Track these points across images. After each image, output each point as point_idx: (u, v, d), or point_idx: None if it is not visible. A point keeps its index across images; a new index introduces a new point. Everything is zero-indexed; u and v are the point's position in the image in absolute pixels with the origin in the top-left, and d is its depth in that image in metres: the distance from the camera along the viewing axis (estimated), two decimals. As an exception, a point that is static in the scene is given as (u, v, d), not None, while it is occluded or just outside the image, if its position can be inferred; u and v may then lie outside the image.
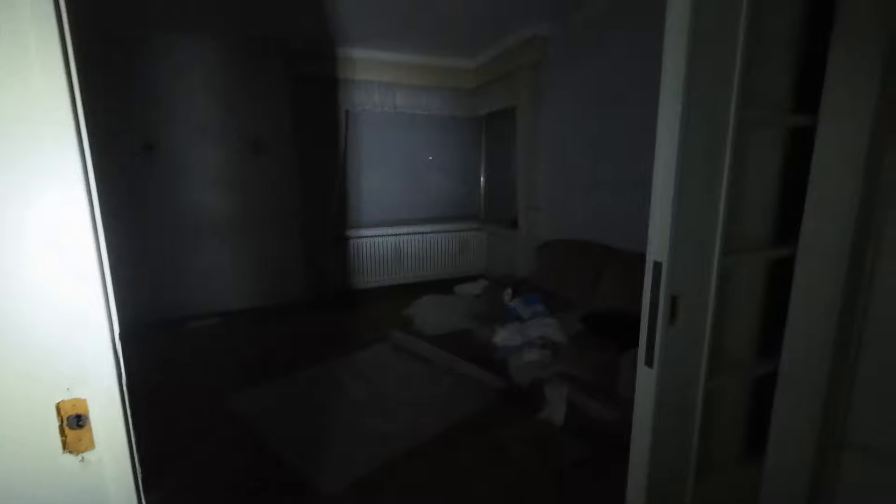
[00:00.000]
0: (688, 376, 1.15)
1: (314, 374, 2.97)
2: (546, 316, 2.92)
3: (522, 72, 3.88)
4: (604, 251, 3.09)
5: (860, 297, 1.17)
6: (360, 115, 4.71)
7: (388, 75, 4.52)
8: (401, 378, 2.85)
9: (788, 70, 1.17)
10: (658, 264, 1.04)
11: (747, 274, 1.23)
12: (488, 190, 5.43)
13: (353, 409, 2.52)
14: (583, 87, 3.45)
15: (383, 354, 3.26)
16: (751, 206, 1.18)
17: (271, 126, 4.25)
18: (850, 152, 1.11)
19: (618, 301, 2.71)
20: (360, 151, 4.81)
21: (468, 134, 5.32)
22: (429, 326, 3.72)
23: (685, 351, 1.12)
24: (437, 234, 5.20)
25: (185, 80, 3.89)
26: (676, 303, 1.07)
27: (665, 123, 0.98)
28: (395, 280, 5.11)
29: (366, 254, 4.90)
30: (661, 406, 1.11)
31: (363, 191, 4.93)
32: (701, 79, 0.95)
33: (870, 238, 1.14)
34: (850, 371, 1.21)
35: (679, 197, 0.99)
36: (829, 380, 1.20)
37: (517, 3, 3.36)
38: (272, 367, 3.09)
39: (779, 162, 1.20)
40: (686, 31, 0.91)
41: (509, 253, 4.78)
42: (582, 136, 3.50)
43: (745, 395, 1.34)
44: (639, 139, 2.97)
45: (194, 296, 4.18)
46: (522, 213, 4.06)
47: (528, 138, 3.94)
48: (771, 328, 1.30)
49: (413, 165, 5.10)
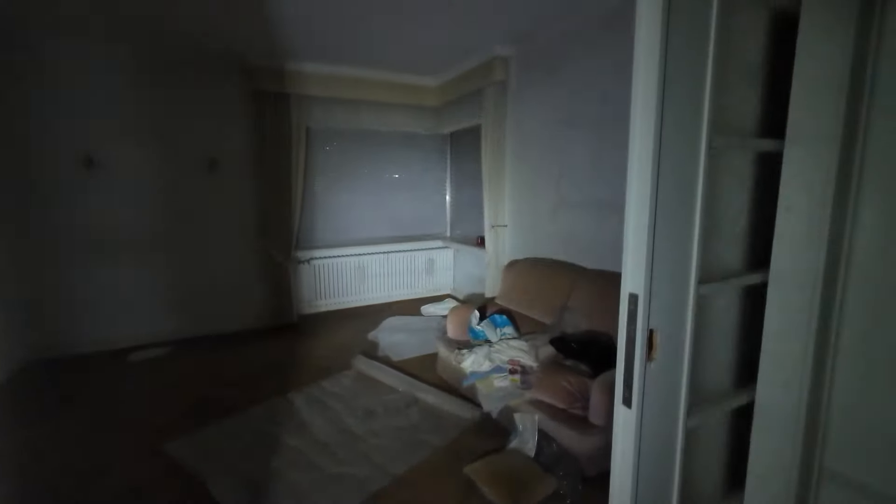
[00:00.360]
0: (668, 413, 1.08)
1: (269, 408, 2.76)
2: (515, 338, 2.85)
3: (487, 91, 3.87)
4: (573, 270, 3.06)
5: (832, 323, 1.15)
6: (321, 132, 4.57)
7: (350, 91, 4.42)
8: (365, 410, 2.68)
9: (757, 95, 1.15)
10: (634, 296, 0.98)
11: (723, 302, 1.19)
12: (454, 208, 5.38)
13: (313, 449, 2.33)
14: (545, 107, 3.47)
15: (346, 384, 3.08)
16: (725, 233, 1.14)
17: (227, 142, 4.05)
18: (816, 176, 1.09)
19: (588, 322, 2.67)
20: (321, 169, 4.65)
21: (433, 151, 5.27)
22: (394, 351, 3.58)
23: (664, 387, 1.05)
24: (403, 252, 5.08)
25: (134, 93, 3.65)
26: (653, 336, 1.00)
27: (637, 156, 0.93)
28: (359, 301, 4.94)
29: (328, 275, 4.71)
30: (642, 447, 1.03)
31: (325, 209, 4.76)
32: (671, 112, 0.91)
33: (840, 264, 1.12)
34: (827, 400, 1.18)
35: (653, 227, 0.93)
36: (807, 409, 1.16)
37: (477, 30, 3.37)
38: (221, 401, 2.85)
39: (749, 186, 1.18)
40: (656, 69, 0.88)
41: (477, 272, 4.72)
42: (547, 156, 3.50)
43: (725, 427, 1.29)
44: (602, 160, 2.99)
45: (136, 324, 3.86)
46: (489, 232, 4.01)
47: (493, 157, 3.91)
48: (747, 357, 1.26)
49: (377, 183, 4.99)
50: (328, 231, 4.80)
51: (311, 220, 4.68)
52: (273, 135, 4.09)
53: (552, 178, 3.47)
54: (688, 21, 0.91)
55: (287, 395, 2.92)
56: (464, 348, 2.85)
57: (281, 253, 4.24)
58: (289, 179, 4.19)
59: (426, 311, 4.66)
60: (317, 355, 3.62)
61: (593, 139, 3.05)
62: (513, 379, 2.51)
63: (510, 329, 2.92)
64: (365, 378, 3.17)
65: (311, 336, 4.08)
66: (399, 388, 2.95)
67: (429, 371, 3.23)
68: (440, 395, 2.81)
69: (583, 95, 3.09)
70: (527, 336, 2.84)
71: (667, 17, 0.87)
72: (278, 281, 4.31)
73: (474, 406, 2.66)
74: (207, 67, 3.88)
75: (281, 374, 3.28)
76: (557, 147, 3.38)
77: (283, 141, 4.13)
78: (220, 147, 4.02)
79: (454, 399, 2.76)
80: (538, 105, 3.54)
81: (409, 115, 4.87)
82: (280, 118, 4.10)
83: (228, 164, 4.07)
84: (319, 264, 4.64)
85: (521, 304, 3.27)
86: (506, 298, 3.43)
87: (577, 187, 3.24)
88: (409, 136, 5.07)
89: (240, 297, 4.26)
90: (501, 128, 3.92)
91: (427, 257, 5.21)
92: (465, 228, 5.12)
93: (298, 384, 3.07)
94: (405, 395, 2.87)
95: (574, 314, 2.76)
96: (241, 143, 4.10)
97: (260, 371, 3.34)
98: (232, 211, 4.15)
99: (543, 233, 3.62)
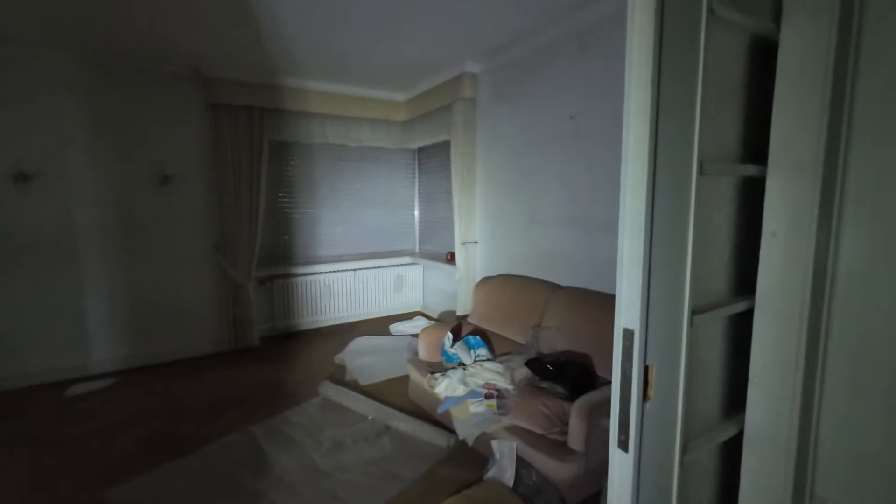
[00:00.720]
0: (664, 453, 1.02)
1: (227, 445, 2.54)
2: (489, 360, 2.77)
3: (457, 106, 3.83)
4: (547, 288, 3.03)
5: (819, 348, 1.13)
6: (286, 146, 4.39)
7: (316, 105, 4.29)
8: (333, 442, 2.51)
9: (740, 120, 1.14)
10: (629, 332, 0.92)
11: (712, 331, 1.16)
12: (423, 224, 5.29)
13: (277, 490, 2.14)
14: (515, 123, 3.46)
15: (312, 413, 2.89)
16: (714, 261, 1.11)
17: (184, 155, 3.82)
18: (800, 201, 1.08)
19: (564, 341, 2.63)
20: (285, 184, 4.47)
21: (401, 166, 5.18)
22: (363, 375, 3.43)
23: (659, 426, 0.99)
24: (371, 269, 4.93)
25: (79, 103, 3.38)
26: (649, 373, 0.94)
27: (630, 185, 0.89)
28: (325, 321, 4.74)
29: (292, 294, 4.49)
30: (640, 492, 0.96)
31: (289, 226, 4.56)
32: (663, 139, 0.87)
33: (825, 289, 1.11)
34: (816, 427, 1.16)
35: (649, 259, 0.88)
36: (797, 436, 1.14)
37: (447, 46, 3.35)
38: (172, 439, 2.61)
39: (733, 212, 1.15)
40: (648, 97, 0.84)
41: (447, 288, 4.63)
42: (518, 172, 3.49)
43: (715, 458, 1.25)
44: (573, 177, 2.99)
45: (75, 352, 3.52)
46: (460, 248, 3.94)
47: (463, 173, 3.87)
48: (734, 385, 1.23)
49: (344, 199, 4.84)
50: (292, 248, 4.60)
51: (274, 237, 4.47)
52: (233, 148, 3.89)
53: (523, 194, 3.45)
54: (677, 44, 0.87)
55: (247, 428, 2.71)
56: (437, 371, 2.74)
57: (240, 272, 4.01)
58: (250, 195, 3.99)
59: (396, 330, 4.52)
60: (280, 382, 3.40)
61: (564, 156, 3.05)
62: (489, 404, 2.42)
63: (484, 350, 2.84)
64: (332, 405, 2.99)
65: (274, 361, 3.85)
66: (369, 416, 2.80)
67: (400, 395, 3.09)
68: (413, 423, 2.68)
69: (553, 112, 3.10)
70: (501, 357, 2.77)
71: (659, 40, 0.83)
72: (237, 302, 4.06)
73: (449, 433, 2.55)
74: (163, 77, 3.66)
75: (240, 404, 3.05)
76: (528, 164, 3.37)
77: (244, 155, 3.93)
78: (176, 160, 3.78)
79: (427, 426, 2.64)
80: (508, 121, 3.53)
81: (377, 129, 4.77)
82: (241, 131, 3.91)
83: (185, 178, 3.83)
84: (283, 283, 4.42)
85: (495, 322, 3.21)
86: (479, 317, 3.35)
87: (548, 204, 3.23)
88: (376, 151, 4.96)
89: (194, 321, 3.99)
90: (471, 144, 3.89)
91: (396, 274, 5.08)
92: (435, 244, 5.04)
93: (260, 416, 2.86)
94: (376, 423, 2.72)
95: (549, 333, 2.72)
96: (200, 157, 3.87)
97: (217, 402, 3.09)
98: (187, 228, 3.89)
99: (515, 249, 3.58)
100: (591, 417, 2.01)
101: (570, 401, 2.15)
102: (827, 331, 1.13)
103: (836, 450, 1.16)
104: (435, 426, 2.63)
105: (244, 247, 4.00)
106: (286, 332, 4.51)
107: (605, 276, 2.81)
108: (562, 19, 2.88)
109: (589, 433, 2.01)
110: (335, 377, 3.40)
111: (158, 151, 3.70)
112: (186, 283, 3.92)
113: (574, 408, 2.06)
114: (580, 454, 2.01)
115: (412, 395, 3.04)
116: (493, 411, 2.38)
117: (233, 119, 3.86)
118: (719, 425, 1.21)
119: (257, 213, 4.03)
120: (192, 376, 3.55)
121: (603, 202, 2.80)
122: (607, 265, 2.80)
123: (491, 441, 2.24)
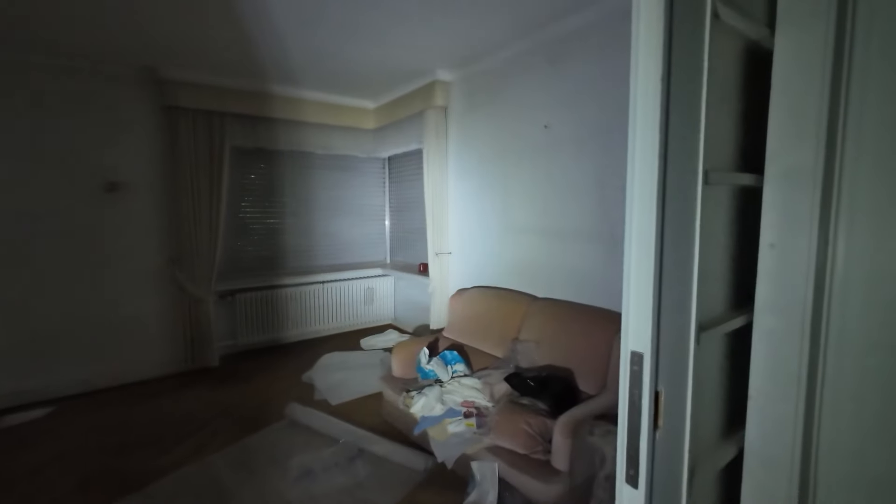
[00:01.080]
0: (672, 482, 0.95)
1: (183, 479, 2.31)
2: (467, 376, 2.66)
3: (429, 114, 3.76)
4: (524, 299, 2.96)
5: (819, 360, 1.10)
6: (249, 153, 4.18)
7: (282, 111, 4.11)
8: (302, 470, 2.33)
9: (736, 127, 1.10)
10: (638, 355, 0.84)
11: (713, 348, 1.10)
12: (394, 234, 5.16)
13: (237, 527, 1.95)
14: (488, 133, 3.42)
15: (278, 439, 2.69)
16: (715, 275, 1.06)
17: (134, 162, 3.55)
18: (798, 210, 1.05)
19: (543, 354, 2.57)
20: (248, 193, 4.24)
21: (371, 175, 5.05)
22: (333, 394, 3.25)
23: (667, 454, 0.92)
24: (340, 282, 4.74)
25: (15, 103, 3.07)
26: (659, 400, 0.87)
27: (638, 199, 0.82)
28: (292, 337, 4.50)
29: (255, 309, 4.25)
30: (648, 530, 0.88)
31: (254, 237, 4.33)
32: (672, 152, 0.81)
33: (824, 299, 1.08)
34: (817, 441, 1.12)
35: (659, 277, 0.81)
36: (800, 452, 1.09)
37: (419, 54, 3.28)
38: (121, 474, 2.35)
39: (731, 222, 1.11)
40: (657, 110, 0.78)
41: (420, 300, 4.51)
42: (492, 182, 3.44)
43: (717, 481, 1.19)
44: (548, 186, 2.96)
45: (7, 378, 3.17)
46: (433, 259, 3.84)
47: (436, 182, 3.78)
48: (733, 401, 1.18)
49: (311, 208, 4.65)
50: (256, 260, 4.36)
51: (236, 249, 4.22)
52: (192, 155, 3.65)
53: (497, 204, 3.40)
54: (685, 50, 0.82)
55: (206, 458, 2.48)
56: (412, 389, 2.61)
57: (199, 286, 3.75)
58: (210, 204, 3.75)
59: (367, 344, 4.35)
60: (242, 405, 3.17)
61: (538, 166, 3.02)
62: (468, 423, 2.31)
63: (462, 366, 2.73)
64: (300, 429, 2.80)
65: (235, 381, 3.60)
66: (340, 440, 2.63)
67: (373, 415, 2.94)
68: (387, 445, 2.53)
69: (526, 122, 3.07)
70: (480, 373, 2.67)
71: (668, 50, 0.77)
72: (195, 318, 3.79)
73: (427, 455, 2.41)
74: (110, 78, 3.39)
75: (198, 431, 2.80)
76: (502, 173, 3.32)
77: (203, 162, 3.69)
78: (126, 167, 3.51)
79: (403, 448, 2.50)
80: (482, 131, 3.49)
81: (346, 137, 4.63)
82: (201, 137, 3.68)
83: (135, 186, 3.55)
84: (245, 297, 4.17)
85: (472, 336, 3.11)
86: (455, 331, 3.25)
87: (523, 213, 3.18)
88: (345, 160, 4.81)
89: (146, 340, 3.69)
90: (444, 153, 3.81)
91: (366, 286, 4.91)
92: (407, 255, 4.91)
93: (219, 444, 2.64)
94: (347, 446, 2.55)
95: (528, 346, 2.65)
96: (153, 164, 3.61)
97: (171, 430, 2.83)
98: (137, 239, 3.60)
99: (491, 260, 3.52)
100: (576, 435, 1.94)
101: (553, 417, 2.07)
102: (826, 344, 1.10)
103: (840, 464, 1.12)
104: (411, 448, 2.50)
105: (204, 259, 3.75)
106: (249, 349, 4.25)
107: (579, 286, 2.78)
108: (531, 34, 2.88)
109: (573, 451, 1.94)
110: (303, 398, 3.20)
111: (103, 157, 3.42)
112: (137, 298, 3.63)
113: (557, 425, 1.98)
114: (565, 474, 1.93)
115: (386, 414, 2.90)
116: (472, 431, 2.27)
117: (191, 124, 3.63)
118: (720, 447, 1.15)
119: (218, 223, 3.79)
120: (143, 401, 3.26)
121: (576, 211, 2.77)
122: (581, 276, 2.78)
123: (471, 463, 2.13)
